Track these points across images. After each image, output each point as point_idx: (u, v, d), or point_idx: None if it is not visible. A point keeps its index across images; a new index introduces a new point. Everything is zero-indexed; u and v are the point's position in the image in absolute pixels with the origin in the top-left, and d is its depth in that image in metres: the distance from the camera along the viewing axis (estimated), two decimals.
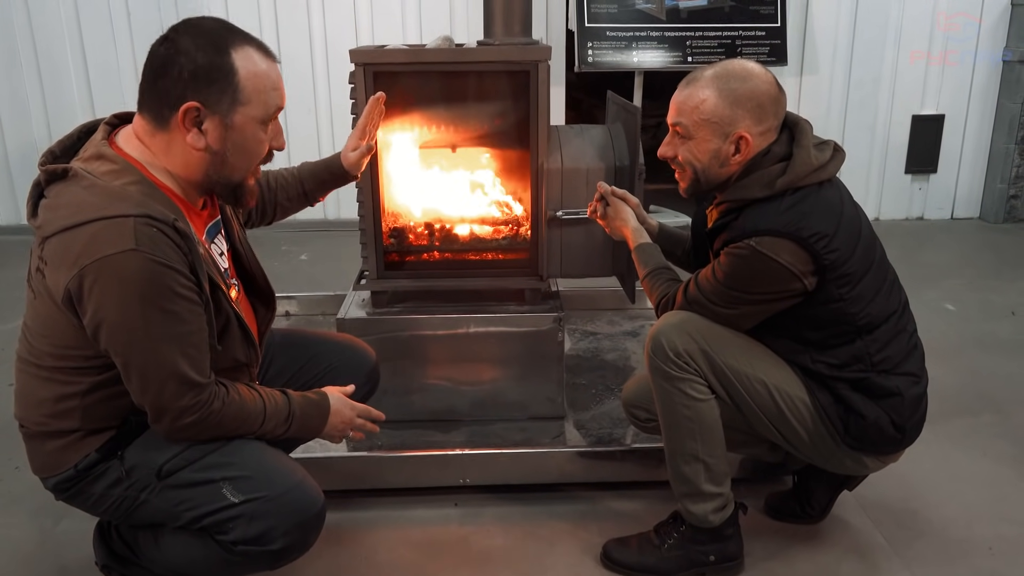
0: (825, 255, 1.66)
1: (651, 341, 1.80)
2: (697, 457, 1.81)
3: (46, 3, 4.65)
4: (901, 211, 5.16)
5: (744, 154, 1.74)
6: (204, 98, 1.43)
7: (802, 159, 1.71)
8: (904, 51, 4.88)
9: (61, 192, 1.43)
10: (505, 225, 2.52)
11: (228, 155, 1.50)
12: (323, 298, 3.28)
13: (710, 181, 1.80)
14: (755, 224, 1.69)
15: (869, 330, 1.75)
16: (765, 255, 1.66)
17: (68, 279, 1.36)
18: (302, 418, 1.65)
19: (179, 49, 1.42)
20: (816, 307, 1.72)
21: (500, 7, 2.42)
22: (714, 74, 1.74)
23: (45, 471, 1.58)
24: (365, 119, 2.05)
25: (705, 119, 1.73)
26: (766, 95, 1.72)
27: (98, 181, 1.41)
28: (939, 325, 3.44)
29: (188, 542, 1.58)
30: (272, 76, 1.50)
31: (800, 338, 1.77)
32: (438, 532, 2.11)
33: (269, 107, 1.50)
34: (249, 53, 1.47)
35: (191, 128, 1.45)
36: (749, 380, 1.77)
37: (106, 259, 1.35)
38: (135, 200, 1.39)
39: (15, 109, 4.82)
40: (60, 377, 1.50)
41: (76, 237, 1.36)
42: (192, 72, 1.42)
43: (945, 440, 2.51)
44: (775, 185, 1.70)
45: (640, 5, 4.35)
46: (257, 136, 1.51)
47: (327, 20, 4.74)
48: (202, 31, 1.45)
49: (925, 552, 2.03)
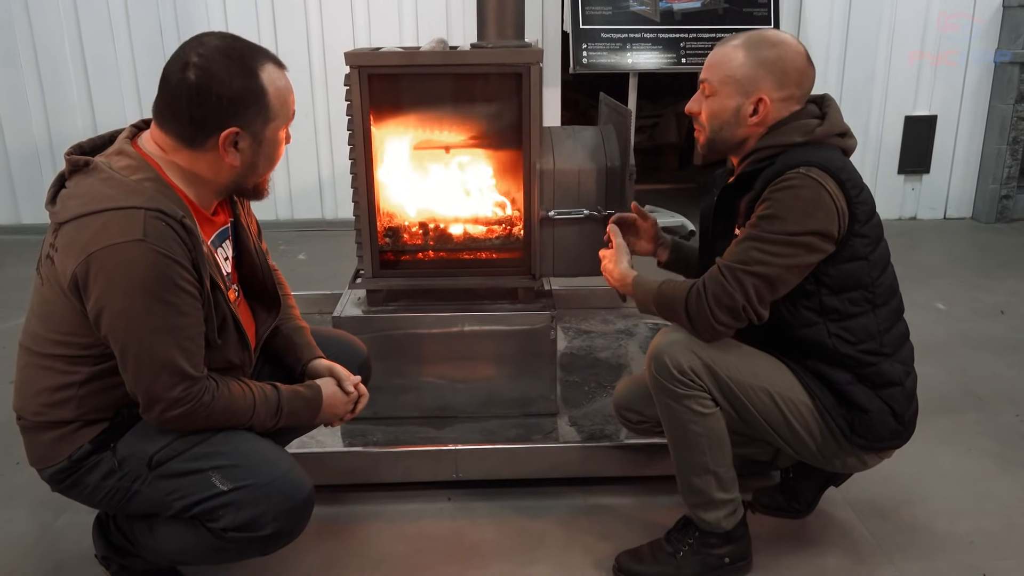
0: (857, 203, 1.72)
1: (653, 360, 1.79)
2: (707, 469, 1.83)
3: (45, 3, 4.69)
4: (894, 211, 5.20)
5: (760, 116, 1.80)
6: (243, 122, 1.52)
7: (836, 117, 1.81)
8: (897, 52, 4.93)
9: (80, 182, 1.49)
10: (498, 225, 2.56)
11: (259, 164, 1.61)
12: (320, 297, 3.32)
13: (725, 140, 1.86)
14: (800, 159, 1.73)
15: (881, 303, 1.79)
16: (817, 181, 1.69)
17: (76, 264, 1.42)
18: (291, 412, 1.70)
19: (213, 77, 1.47)
20: (841, 264, 1.73)
21: (493, 10, 2.46)
22: (747, 36, 1.83)
23: (41, 462, 1.62)
24: (356, 408, 1.89)
25: (729, 76, 1.80)
26: (791, 63, 1.79)
27: (115, 175, 1.48)
28: (929, 324, 3.48)
29: (181, 531, 1.62)
30: (289, 87, 1.61)
31: (820, 306, 1.76)
32: (431, 526, 2.15)
33: (289, 115, 1.62)
34: (270, 71, 1.55)
35: (230, 149, 1.53)
36: (753, 391, 1.79)
37: (114, 247, 1.41)
38: (147, 195, 1.46)
39: (15, 109, 4.85)
40: (59, 366, 1.54)
41: (88, 225, 1.43)
42: (230, 99, 1.49)
43: (932, 437, 2.55)
44: (814, 132, 1.77)
45: (634, 7, 4.39)
46: (279, 142, 1.63)
47: (324, 23, 4.78)
48: (227, 55, 1.50)
49: (908, 545, 2.06)
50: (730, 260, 1.73)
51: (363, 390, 1.87)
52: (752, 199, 1.77)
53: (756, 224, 1.72)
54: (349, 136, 2.35)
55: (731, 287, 1.71)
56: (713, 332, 1.75)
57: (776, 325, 1.78)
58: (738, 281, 1.71)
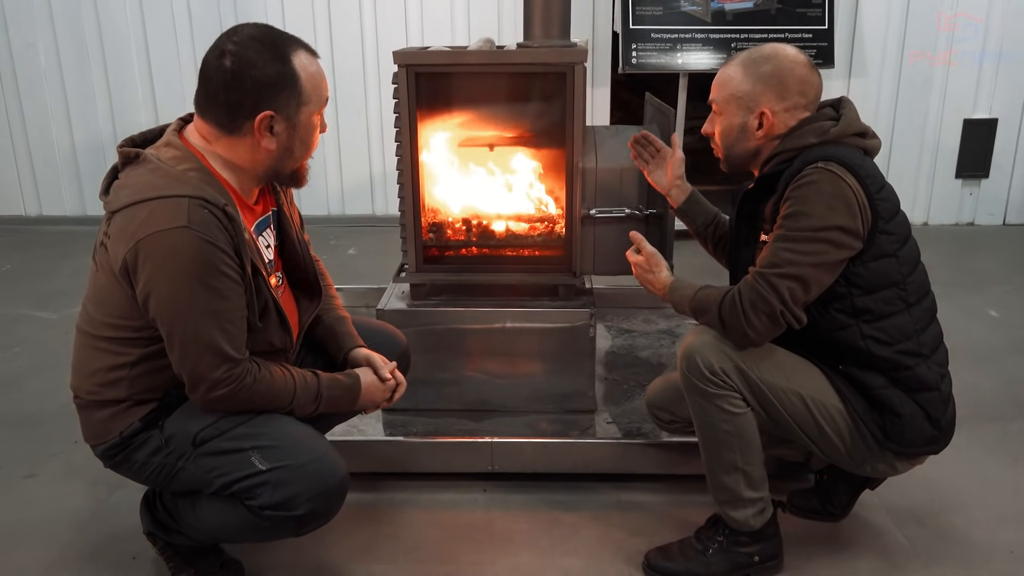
0: (879, 199, 1.72)
1: (685, 359, 1.81)
2: (737, 467, 1.84)
3: (113, 5, 4.89)
4: (951, 216, 5.08)
5: (766, 128, 1.84)
6: (276, 105, 1.58)
7: (852, 117, 1.83)
8: (956, 53, 4.81)
9: (130, 173, 1.58)
10: (540, 222, 2.59)
11: (295, 149, 1.66)
12: (366, 291, 3.40)
13: (739, 155, 1.91)
14: (819, 155, 1.75)
15: (915, 301, 1.78)
16: (837, 175, 1.70)
17: (126, 251, 1.50)
18: (330, 399, 1.76)
19: (246, 62, 1.55)
20: (869, 262, 1.73)
21: (539, 10, 2.49)
22: (746, 54, 1.87)
23: (95, 439, 1.71)
24: (394, 396, 1.93)
25: (731, 95, 1.86)
26: (789, 74, 1.82)
27: (163, 165, 1.56)
28: (980, 330, 3.41)
29: (221, 508, 1.69)
30: (321, 72, 1.66)
31: (852, 307, 1.76)
32: (465, 515, 2.20)
33: (322, 100, 1.67)
34: (302, 56, 1.61)
35: (265, 133, 1.60)
36: (785, 394, 1.79)
37: (160, 233, 1.48)
38: (193, 184, 1.53)
39: (83, 107, 5.07)
40: (112, 348, 1.63)
41: (137, 213, 1.51)
42: (264, 83, 1.56)
43: (976, 445, 2.50)
44: (828, 133, 1.79)
45: (685, 7, 4.38)
46: (314, 127, 1.68)
47: (378, 23, 4.88)
48: (260, 42, 1.58)
49: (945, 553, 2.04)
50: (762, 266, 1.75)
51: (400, 377, 1.92)
52: (776, 201, 1.78)
53: (782, 224, 1.74)
54: (396, 133, 2.41)
55: (766, 292, 1.72)
56: (746, 339, 1.76)
57: (808, 329, 1.78)
58: (771, 285, 1.71)
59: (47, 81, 5.02)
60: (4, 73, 5.02)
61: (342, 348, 1.95)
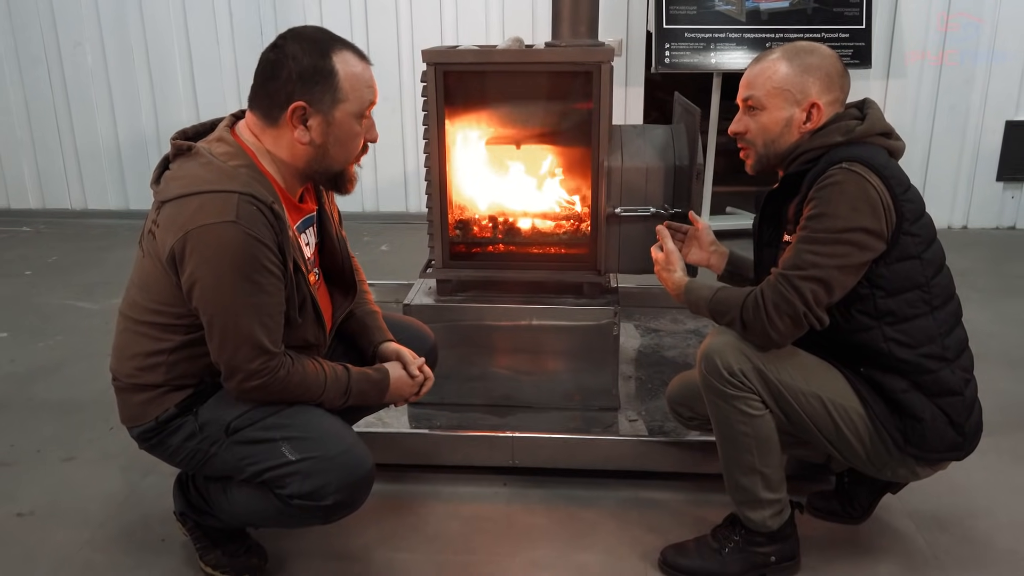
0: (904, 200, 1.71)
1: (704, 360, 1.80)
2: (754, 468, 1.84)
3: (157, 6, 5.01)
4: (991, 220, 4.99)
5: (815, 122, 1.82)
6: (310, 97, 1.62)
7: (877, 117, 1.81)
8: (998, 55, 4.72)
9: (182, 165, 1.64)
10: (566, 220, 2.61)
11: (329, 147, 1.69)
12: (396, 286, 3.44)
13: (776, 153, 1.87)
14: (843, 155, 1.74)
15: (939, 304, 1.76)
16: (860, 176, 1.69)
17: (174, 240, 1.55)
18: (359, 393, 1.80)
19: (287, 54, 1.61)
20: (893, 264, 1.72)
21: (567, 9, 2.51)
22: (783, 49, 1.86)
23: (131, 421, 1.77)
24: (421, 391, 1.96)
25: (778, 87, 1.82)
26: (833, 67, 1.82)
27: (214, 160, 1.61)
28: (1017, 336, 3.33)
29: (252, 494, 1.75)
30: (366, 76, 1.69)
31: (875, 309, 1.74)
32: (486, 509, 2.23)
33: (364, 103, 1.69)
34: (346, 56, 1.65)
35: (298, 125, 1.64)
36: (804, 396, 1.78)
37: (208, 227, 1.53)
38: (242, 180, 1.58)
39: (128, 104, 5.21)
40: (153, 333, 1.69)
41: (187, 205, 1.56)
42: (299, 74, 1.61)
43: (1005, 452, 2.47)
44: (854, 131, 1.78)
45: (720, 7, 4.36)
46: (354, 130, 1.70)
47: (414, 23, 4.93)
48: (306, 38, 1.63)
49: (967, 559, 2.02)
50: (785, 268, 1.74)
51: (428, 373, 1.96)
52: (800, 201, 1.77)
53: (806, 226, 1.72)
54: (424, 131, 2.45)
55: (789, 294, 1.71)
56: (768, 340, 1.75)
57: (830, 330, 1.77)
58: (795, 287, 1.71)
59: (93, 79, 5.17)
60: (52, 71, 5.18)
61: (372, 342, 1.99)
